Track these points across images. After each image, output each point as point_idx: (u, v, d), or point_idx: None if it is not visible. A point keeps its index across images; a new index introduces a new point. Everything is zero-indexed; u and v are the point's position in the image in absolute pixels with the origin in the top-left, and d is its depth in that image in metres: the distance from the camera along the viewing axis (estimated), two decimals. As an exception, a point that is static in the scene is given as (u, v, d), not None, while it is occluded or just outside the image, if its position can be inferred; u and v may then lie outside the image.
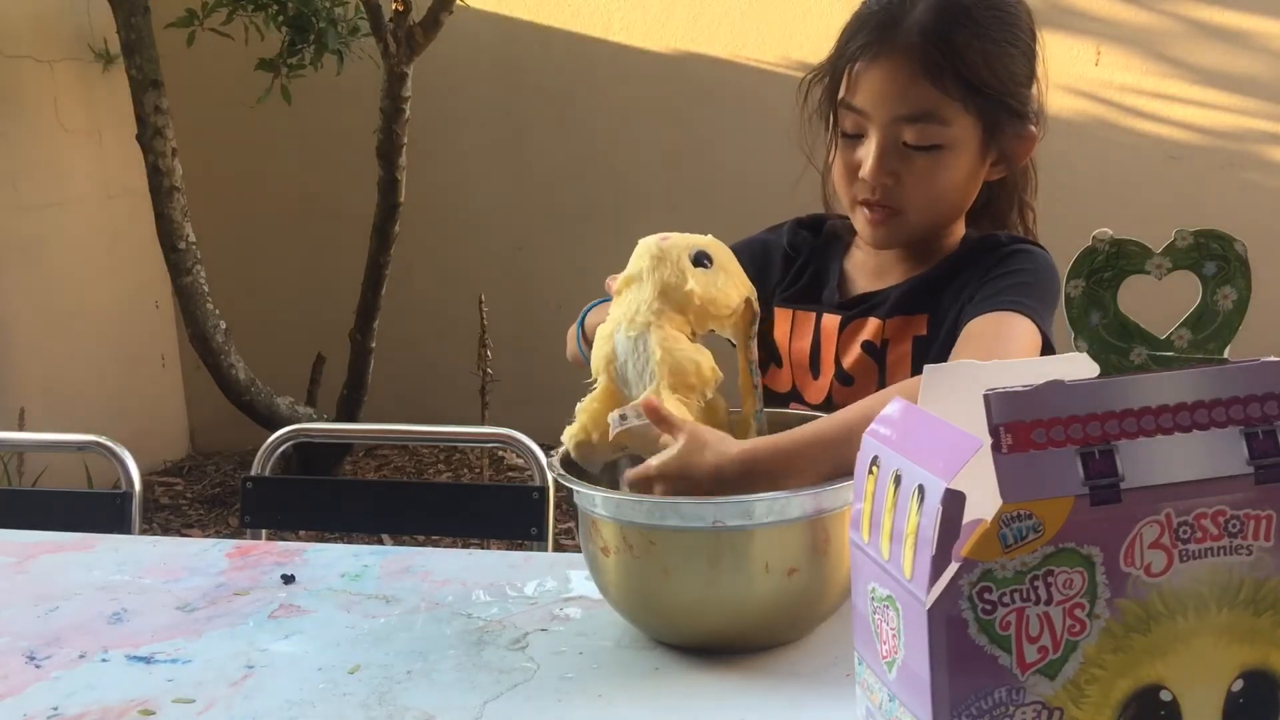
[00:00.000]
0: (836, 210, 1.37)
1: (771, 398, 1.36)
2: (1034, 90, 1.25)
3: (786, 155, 1.31)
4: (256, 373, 3.62)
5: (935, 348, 1.24)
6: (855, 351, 1.30)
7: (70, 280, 3.93)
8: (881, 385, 1.25)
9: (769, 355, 1.38)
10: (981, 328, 1.17)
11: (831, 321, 1.33)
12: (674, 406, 1.05)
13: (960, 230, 1.32)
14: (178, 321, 3.95)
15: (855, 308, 1.32)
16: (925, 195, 1.24)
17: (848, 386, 1.29)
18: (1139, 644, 0.62)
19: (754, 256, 1.39)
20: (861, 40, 1.21)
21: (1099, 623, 0.62)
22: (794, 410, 1.26)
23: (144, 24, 3.30)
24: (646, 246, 1.10)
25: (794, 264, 1.40)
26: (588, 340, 1.32)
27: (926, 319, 1.27)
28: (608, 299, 1.25)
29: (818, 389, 1.33)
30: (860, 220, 1.28)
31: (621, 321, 1.08)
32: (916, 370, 1.22)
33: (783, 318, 1.38)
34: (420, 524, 1.89)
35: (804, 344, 1.35)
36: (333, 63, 3.48)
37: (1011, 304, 1.19)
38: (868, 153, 1.22)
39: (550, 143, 4.06)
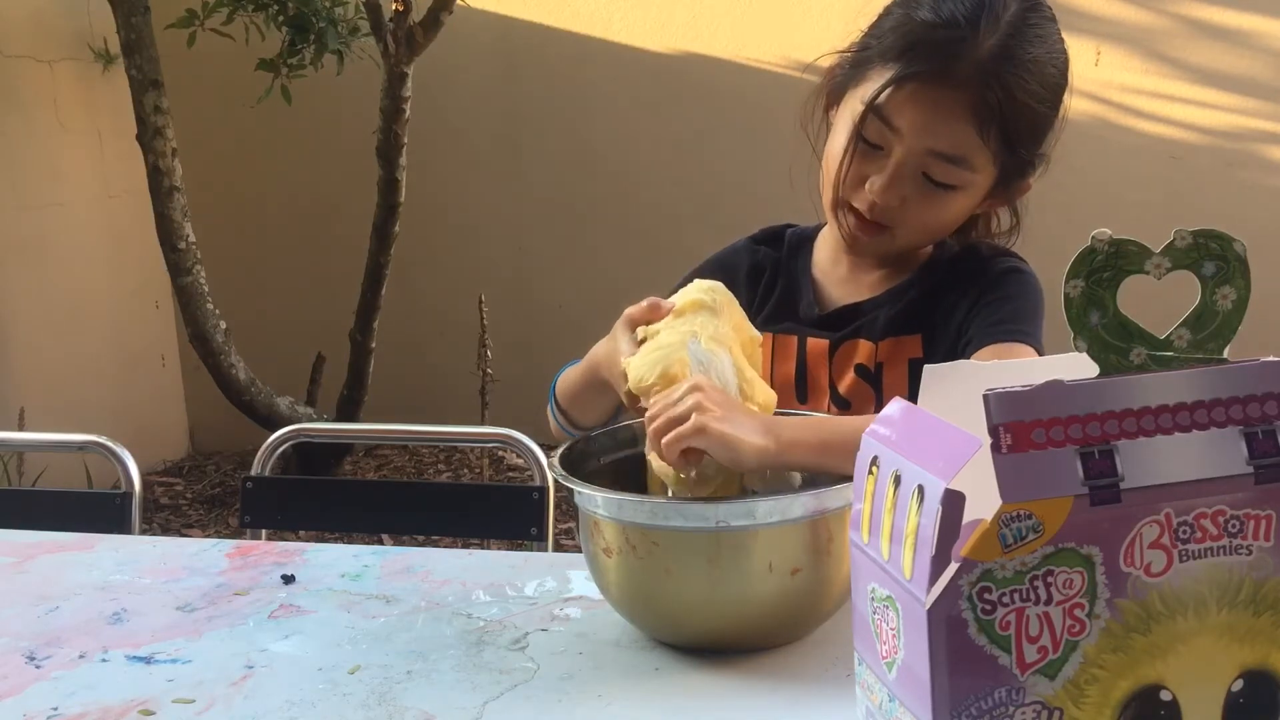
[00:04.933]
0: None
1: None
2: (1050, 140, 1.23)
3: (786, 155, 1.30)
4: (256, 373, 3.62)
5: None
6: (850, 375, 1.28)
7: (70, 280, 3.93)
8: (879, 408, 1.24)
9: None
10: (987, 359, 1.16)
11: (819, 345, 1.30)
12: None
13: None
14: (178, 321, 3.94)
15: (841, 328, 1.30)
16: (923, 224, 1.23)
17: (845, 410, 1.28)
18: (1139, 644, 0.62)
19: (719, 276, 1.39)
20: (919, 63, 1.15)
21: (1099, 623, 0.62)
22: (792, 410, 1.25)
23: (144, 24, 3.30)
24: (718, 287, 1.12)
25: (760, 281, 1.37)
26: (560, 408, 1.30)
27: (920, 339, 1.26)
28: (575, 361, 1.24)
29: (810, 411, 1.32)
30: (844, 223, 1.25)
31: (700, 336, 1.06)
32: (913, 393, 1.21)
33: (763, 342, 1.35)
34: (420, 524, 1.88)
35: (788, 368, 1.32)
36: (333, 63, 3.48)
37: (1012, 333, 1.19)
38: (883, 170, 1.19)
39: (550, 143, 4.06)
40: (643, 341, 1.09)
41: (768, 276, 1.37)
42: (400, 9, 3.28)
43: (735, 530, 0.95)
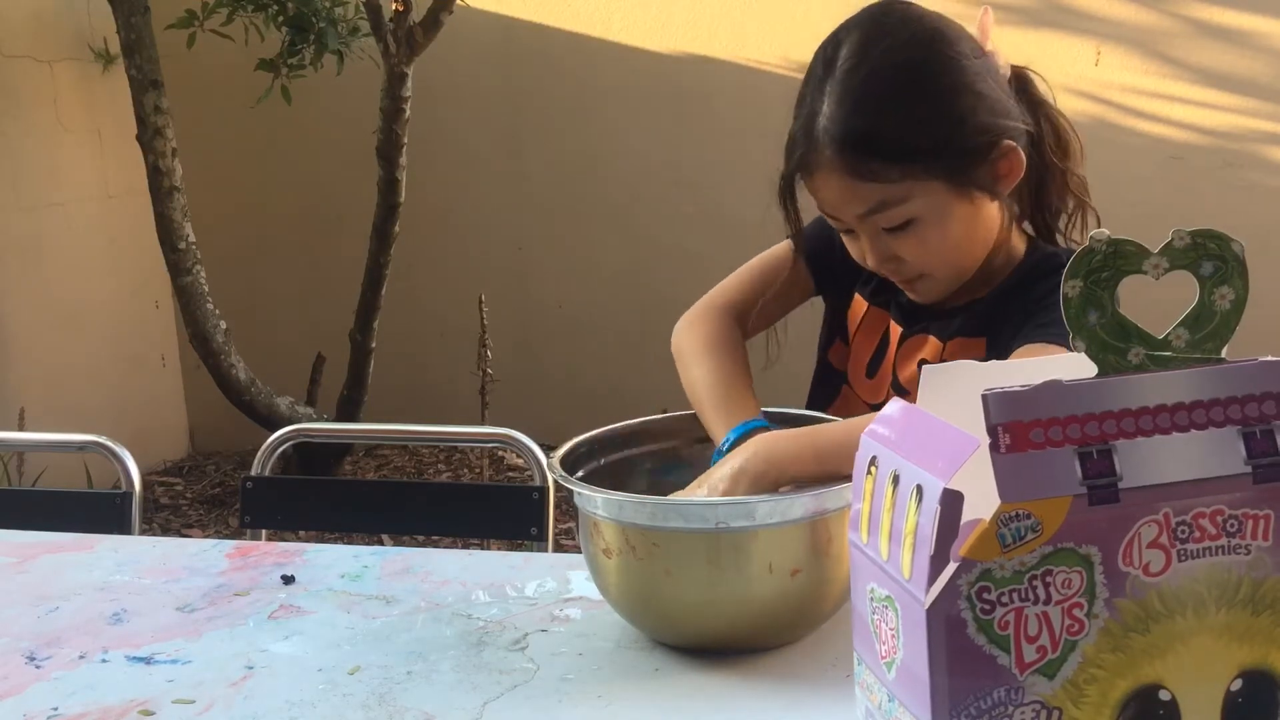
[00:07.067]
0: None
1: (831, 372, 1.40)
2: (990, 105, 1.17)
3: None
4: (256, 373, 3.62)
5: None
6: (910, 368, 1.29)
7: (70, 280, 3.93)
8: None
9: (839, 330, 1.39)
10: (1024, 356, 1.15)
11: (896, 331, 1.32)
12: None
13: (1018, 243, 1.28)
14: (178, 321, 3.95)
15: (918, 321, 1.30)
16: (935, 259, 1.21)
17: (905, 399, 1.28)
18: (1138, 644, 0.62)
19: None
20: (794, 161, 1.19)
21: (1098, 622, 0.62)
22: (802, 412, 1.25)
23: (144, 24, 3.30)
24: None
25: None
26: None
27: (985, 343, 1.25)
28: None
29: (870, 389, 1.33)
30: (901, 287, 1.27)
31: None
32: None
33: (859, 306, 1.37)
34: (420, 524, 1.88)
35: (870, 341, 1.35)
36: (333, 63, 3.48)
37: (1057, 336, 1.17)
38: (865, 248, 1.22)
39: (550, 143, 4.06)
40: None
41: None
42: (400, 9, 3.28)
43: (735, 531, 0.95)
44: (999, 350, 1.23)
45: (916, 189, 1.15)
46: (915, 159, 1.14)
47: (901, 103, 1.15)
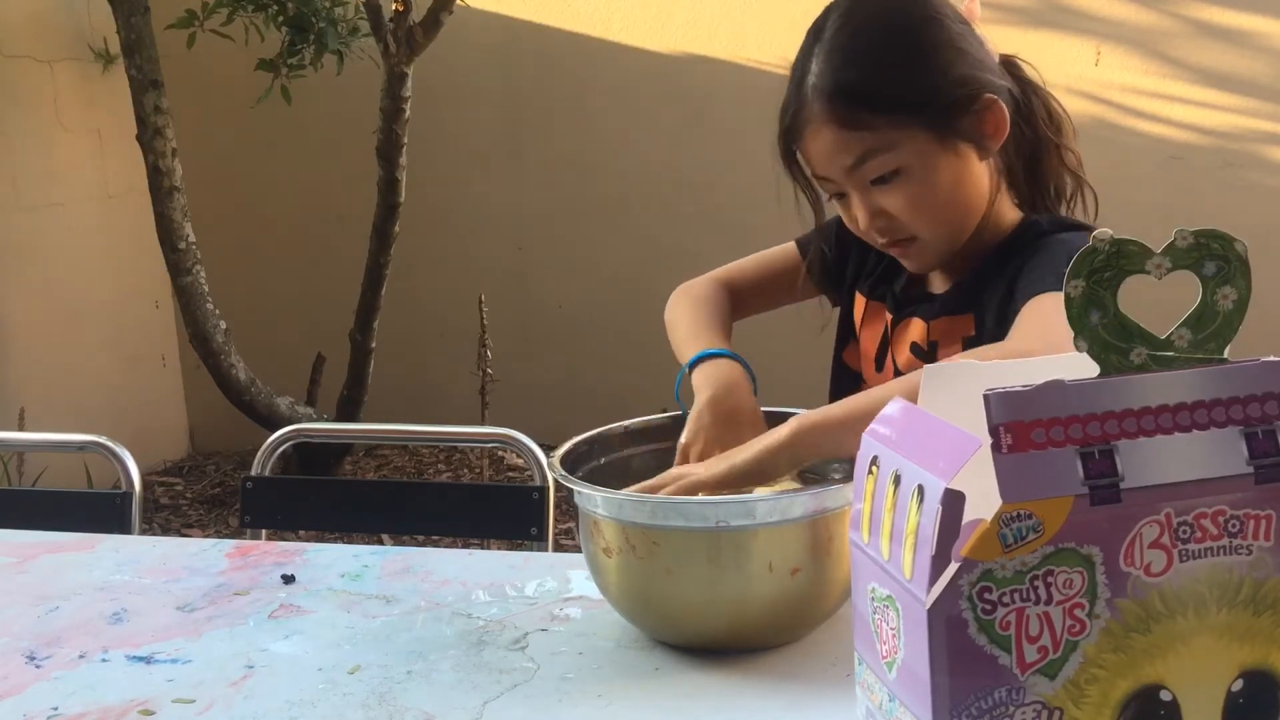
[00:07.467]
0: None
1: (847, 373, 1.43)
2: (971, 61, 1.20)
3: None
4: (256, 373, 3.62)
5: (984, 343, 1.22)
6: (904, 353, 1.31)
7: (70, 280, 3.93)
8: None
9: (849, 332, 1.43)
10: (1035, 307, 1.14)
11: (888, 320, 1.35)
12: None
13: (1008, 213, 1.28)
14: (178, 321, 3.95)
15: (907, 306, 1.32)
16: (923, 214, 1.22)
17: None
18: (1139, 644, 0.62)
19: (839, 235, 1.40)
20: (786, 120, 1.23)
21: (1099, 623, 0.62)
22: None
23: (144, 24, 3.30)
24: None
25: (871, 249, 1.37)
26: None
27: (972, 319, 1.25)
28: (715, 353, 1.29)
29: (880, 381, 1.34)
30: (894, 255, 1.28)
31: None
32: None
33: (860, 304, 1.40)
34: (420, 524, 1.89)
35: (874, 335, 1.37)
36: (333, 63, 3.48)
37: (1054, 285, 1.16)
38: (855, 207, 1.23)
39: (550, 142, 4.06)
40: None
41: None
42: (400, 9, 3.28)
43: (735, 530, 0.95)
44: (989, 322, 1.23)
45: (902, 138, 1.18)
46: (900, 109, 1.18)
47: (885, 56, 1.20)
